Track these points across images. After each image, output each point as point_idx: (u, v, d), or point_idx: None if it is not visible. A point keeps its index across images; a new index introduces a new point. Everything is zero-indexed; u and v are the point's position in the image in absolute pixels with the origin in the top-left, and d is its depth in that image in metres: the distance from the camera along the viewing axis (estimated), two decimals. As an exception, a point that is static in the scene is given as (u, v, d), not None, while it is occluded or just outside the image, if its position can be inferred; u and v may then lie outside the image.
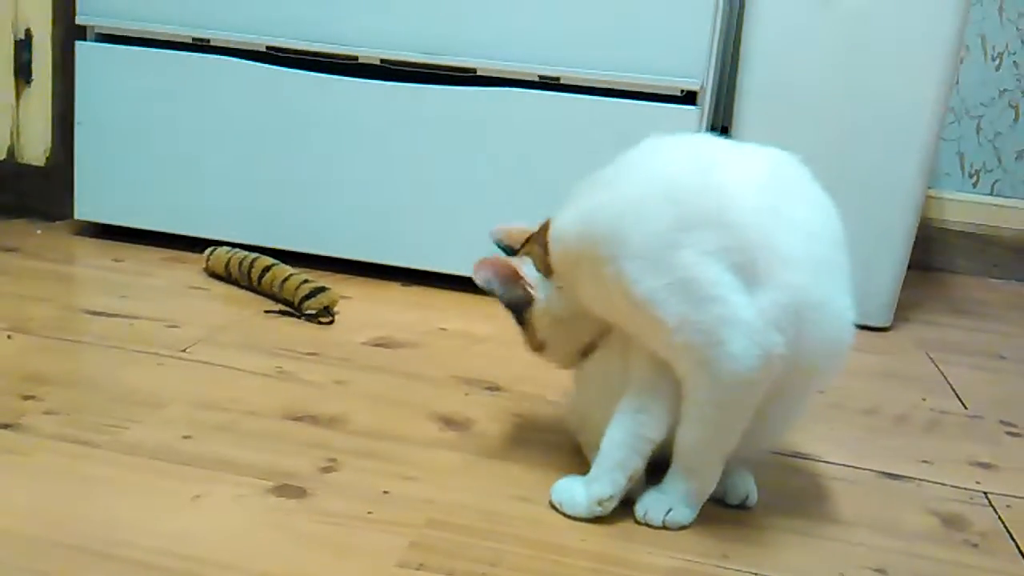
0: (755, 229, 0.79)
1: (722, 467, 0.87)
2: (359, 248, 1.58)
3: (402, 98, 1.52)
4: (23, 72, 1.69)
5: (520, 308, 0.94)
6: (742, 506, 0.92)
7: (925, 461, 1.07)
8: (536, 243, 0.93)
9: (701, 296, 0.78)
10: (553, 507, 0.88)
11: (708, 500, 0.89)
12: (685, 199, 0.80)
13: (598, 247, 0.83)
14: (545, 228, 0.92)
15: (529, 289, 0.92)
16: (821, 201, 0.85)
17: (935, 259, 2.09)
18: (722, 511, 0.91)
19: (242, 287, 1.46)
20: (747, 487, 0.92)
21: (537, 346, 0.96)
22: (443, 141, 1.53)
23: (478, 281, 0.92)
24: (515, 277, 0.92)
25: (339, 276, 1.54)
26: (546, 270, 0.92)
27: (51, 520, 0.80)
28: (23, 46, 1.68)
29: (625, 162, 0.87)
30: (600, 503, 0.86)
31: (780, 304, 0.78)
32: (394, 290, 1.55)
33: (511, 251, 0.97)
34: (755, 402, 0.82)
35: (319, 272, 1.51)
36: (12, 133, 1.71)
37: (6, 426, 0.96)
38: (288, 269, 1.42)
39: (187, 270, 1.53)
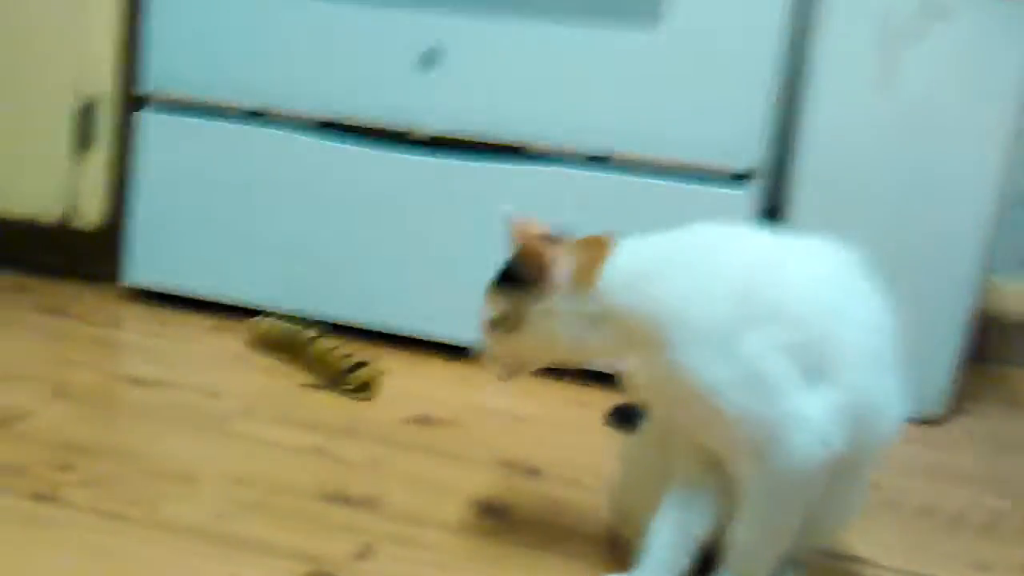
0: (821, 327, 0.79)
1: (774, 567, 0.84)
2: (404, 321, 1.58)
3: (452, 173, 1.53)
4: (83, 137, 1.73)
5: (521, 288, 0.86)
6: (793, 610, 0.88)
7: (982, 567, 1.02)
8: (588, 250, 0.86)
9: (766, 390, 0.77)
10: None
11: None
12: (755, 292, 0.79)
13: (660, 329, 0.80)
14: (595, 243, 0.86)
15: (551, 287, 0.85)
16: (876, 297, 0.85)
17: (993, 350, 2.03)
18: (771, 616, 0.87)
19: (284, 359, 1.45)
20: (798, 589, 0.88)
21: (509, 327, 0.87)
22: (490, 217, 1.52)
23: (507, 230, 0.87)
24: (541, 268, 0.85)
25: (382, 348, 1.53)
26: (580, 281, 0.85)
27: (79, 600, 0.79)
28: (85, 111, 1.72)
29: (686, 247, 0.85)
30: None
31: (842, 404, 0.78)
32: (437, 364, 1.53)
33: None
34: (810, 499, 0.80)
35: (362, 344, 1.50)
36: (68, 197, 1.75)
37: (41, 497, 0.95)
38: (331, 342, 1.41)
39: (231, 339, 1.53)
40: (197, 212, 1.64)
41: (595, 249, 0.86)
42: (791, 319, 0.78)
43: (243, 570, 0.86)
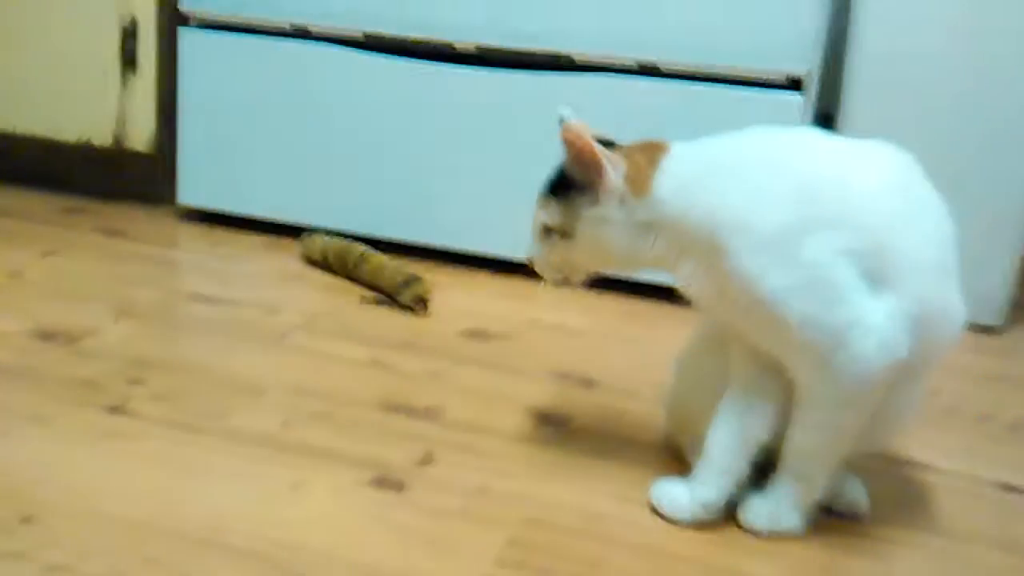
0: (887, 233, 0.78)
1: (833, 472, 0.84)
2: (453, 237, 1.58)
3: (498, 86, 1.51)
4: (129, 60, 1.73)
5: (575, 193, 0.85)
6: (851, 514, 0.88)
7: (1045, 473, 1.02)
8: (642, 155, 0.84)
9: (830, 296, 0.76)
10: (653, 509, 0.86)
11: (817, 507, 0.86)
12: (820, 197, 0.78)
13: (719, 236, 0.78)
14: (648, 148, 0.85)
15: (605, 191, 0.83)
16: (937, 202, 0.83)
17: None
18: (830, 520, 0.87)
19: (338, 275, 1.47)
20: (857, 495, 0.89)
21: (562, 233, 0.86)
22: (539, 129, 1.50)
23: (561, 135, 0.84)
24: (596, 172, 0.83)
25: (432, 265, 1.54)
26: (635, 186, 0.83)
27: (156, 506, 0.82)
28: (129, 34, 1.72)
29: (744, 150, 0.83)
30: (705, 507, 0.84)
31: (906, 310, 0.77)
32: (483, 279, 1.54)
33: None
34: (872, 406, 0.80)
35: (413, 261, 1.51)
36: (118, 120, 1.76)
37: (114, 410, 0.99)
38: (382, 257, 1.42)
39: (285, 257, 1.55)
40: (244, 132, 1.64)
41: (649, 154, 0.84)
42: (855, 225, 0.77)
43: (312, 476, 0.89)
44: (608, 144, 0.85)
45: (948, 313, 0.81)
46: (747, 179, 0.80)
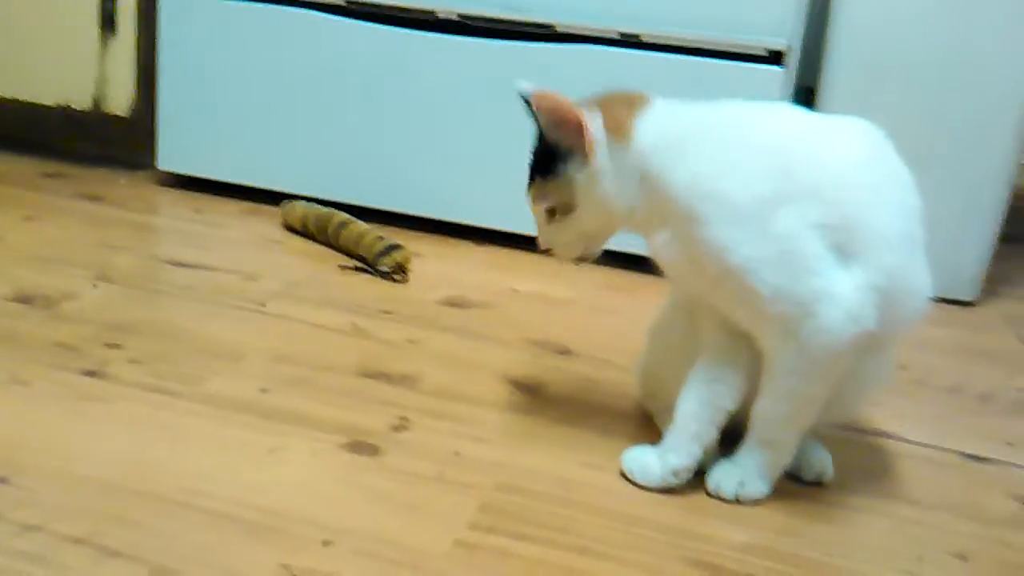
0: (857, 207, 0.79)
1: (799, 440, 0.86)
2: (433, 206, 1.58)
3: (480, 54, 1.50)
4: (108, 23, 1.72)
5: (561, 163, 0.84)
6: (818, 483, 0.90)
7: (1010, 443, 1.04)
8: (610, 105, 0.85)
9: (800, 268, 0.78)
10: (624, 476, 0.88)
11: (783, 475, 0.88)
12: (795, 171, 0.79)
13: (694, 203, 0.79)
14: (627, 99, 0.86)
15: (589, 145, 0.83)
16: (907, 178, 0.84)
17: (1028, 231, 2.01)
18: (797, 487, 0.89)
19: (318, 241, 1.47)
20: (823, 463, 0.91)
21: (564, 208, 0.86)
22: (519, 98, 1.50)
23: (529, 101, 0.85)
24: (576, 127, 0.83)
25: (412, 233, 1.55)
26: (616, 132, 0.83)
27: (132, 468, 0.83)
28: (108, -4, 1.70)
29: (722, 120, 0.84)
30: (675, 474, 0.85)
31: (874, 283, 0.78)
32: (467, 249, 1.54)
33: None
34: (839, 376, 0.81)
35: (393, 229, 1.51)
36: (97, 83, 1.75)
37: (91, 373, 0.99)
38: (363, 225, 1.42)
39: (265, 223, 1.55)
40: (225, 97, 1.64)
41: (626, 104, 0.85)
42: (828, 199, 0.78)
43: (288, 440, 0.89)
44: (581, 101, 0.86)
45: (915, 287, 0.83)
46: (723, 150, 0.81)
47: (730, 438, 0.88)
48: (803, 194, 0.78)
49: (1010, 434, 1.06)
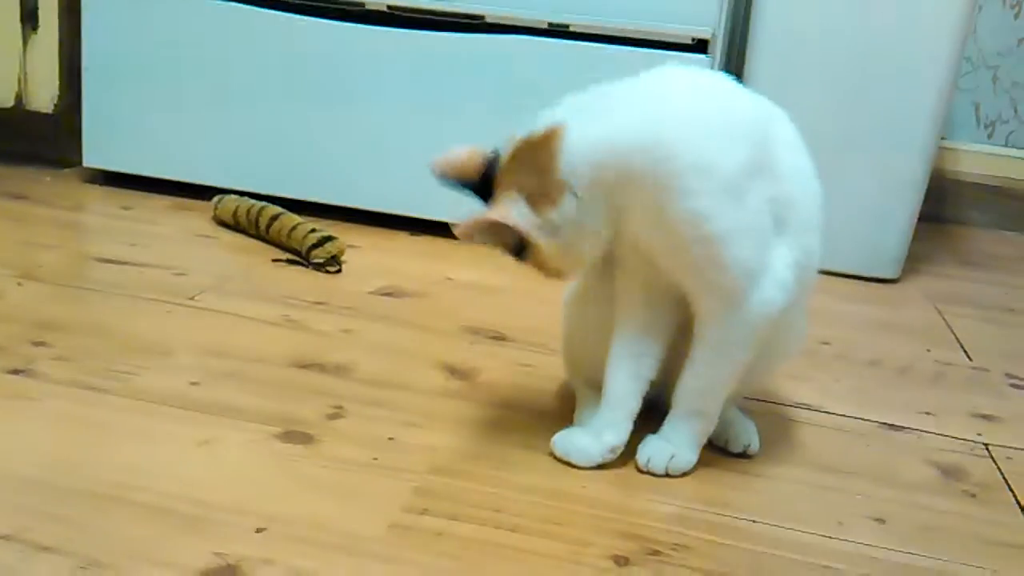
0: (791, 184, 0.83)
1: (720, 408, 0.90)
2: (367, 197, 1.58)
3: (409, 45, 1.51)
4: (30, 18, 1.68)
5: (521, 249, 0.83)
6: (744, 455, 0.93)
7: (927, 412, 1.08)
8: (526, 168, 0.81)
9: (759, 242, 0.81)
10: (558, 459, 0.89)
11: (710, 448, 0.91)
12: (760, 143, 0.81)
13: (675, 176, 0.77)
14: (539, 145, 0.80)
15: (527, 235, 0.80)
16: (810, 161, 0.87)
17: (948, 211, 2.08)
18: (724, 459, 0.92)
19: (250, 235, 1.46)
20: (749, 436, 0.93)
21: (555, 274, 0.86)
22: (451, 89, 1.52)
23: (457, 234, 0.82)
24: (502, 229, 0.81)
25: (347, 225, 1.55)
26: (547, 197, 0.80)
27: (61, 465, 0.82)
28: (29, -9, 1.67)
29: (667, 85, 0.82)
30: (612, 451, 0.88)
31: (798, 260, 0.83)
32: (402, 240, 1.55)
33: (468, 184, 0.86)
34: (762, 343, 0.85)
35: (327, 221, 1.51)
36: (20, 80, 1.71)
37: (17, 372, 0.97)
38: (295, 218, 1.42)
39: (195, 218, 1.54)
40: (152, 92, 1.61)
41: (539, 154, 0.80)
42: (778, 176, 0.82)
43: (220, 433, 0.89)
44: (495, 158, 0.84)
45: (814, 262, 0.87)
46: (694, 114, 0.79)
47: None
48: (762, 168, 0.80)
49: (927, 404, 1.10)
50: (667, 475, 0.88)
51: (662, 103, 0.80)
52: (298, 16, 1.53)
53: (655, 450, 0.88)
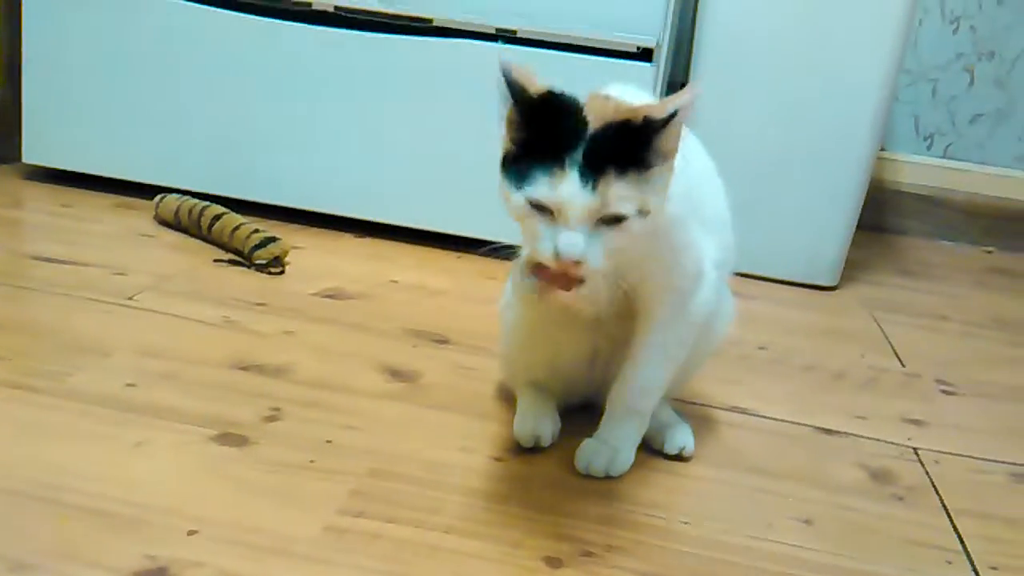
0: (707, 187, 0.88)
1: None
2: (311, 198, 1.57)
3: (356, 47, 1.50)
4: (-32, 11, 1.65)
5: (648, 150, 0.72)
6: (679, 457, 0.94)
7: (859, 417, 1.10)
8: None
9: (703, 250, 0.86)
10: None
11: (646, 450, 0.92)
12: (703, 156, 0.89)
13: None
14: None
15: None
16: (709, 159, 0.92)
17: (886, 220, 2.12)
18: (659, 461, 0.93)
19: (192, 235, 1.45)
20: (685, 438, 0.95)
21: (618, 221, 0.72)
22: (397, 91, 1.52)
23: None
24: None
25: (291, 226, 1.54)
26: None
27: (-9, 465, 0.81)
28: (-32, -16, 1.63)
29: None
30: None
31: (720, 259, 0.88)
32: (347, 241, 1.54)
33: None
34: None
35: (271, 222, 1.50)
36: (-43, 74, 1.67)
37: (-53, 371, 0.96)
38: (238, 218, 1.41)
39: (136, 217, 1.52)
40: (93, 88, 1.59)
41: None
42: (700, 180, 0.87)
43: (155, 434, 0.88)
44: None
45: (732, 256, 0.92)
46: None
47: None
48: (695, 173, 0.85)
49: (860, 408, 1.13)
50: (607, 476, 0.89)
51: None
52: (243, 15, 1.52)
53: (593, 453, 0.89)
